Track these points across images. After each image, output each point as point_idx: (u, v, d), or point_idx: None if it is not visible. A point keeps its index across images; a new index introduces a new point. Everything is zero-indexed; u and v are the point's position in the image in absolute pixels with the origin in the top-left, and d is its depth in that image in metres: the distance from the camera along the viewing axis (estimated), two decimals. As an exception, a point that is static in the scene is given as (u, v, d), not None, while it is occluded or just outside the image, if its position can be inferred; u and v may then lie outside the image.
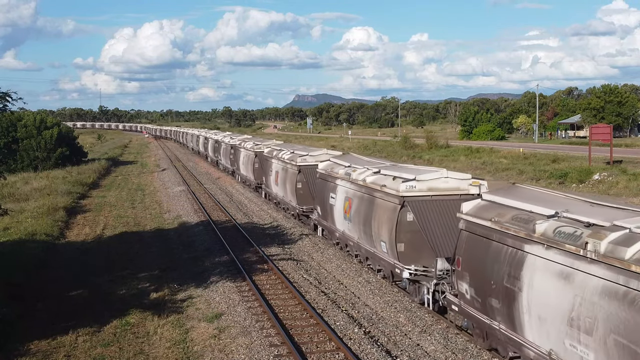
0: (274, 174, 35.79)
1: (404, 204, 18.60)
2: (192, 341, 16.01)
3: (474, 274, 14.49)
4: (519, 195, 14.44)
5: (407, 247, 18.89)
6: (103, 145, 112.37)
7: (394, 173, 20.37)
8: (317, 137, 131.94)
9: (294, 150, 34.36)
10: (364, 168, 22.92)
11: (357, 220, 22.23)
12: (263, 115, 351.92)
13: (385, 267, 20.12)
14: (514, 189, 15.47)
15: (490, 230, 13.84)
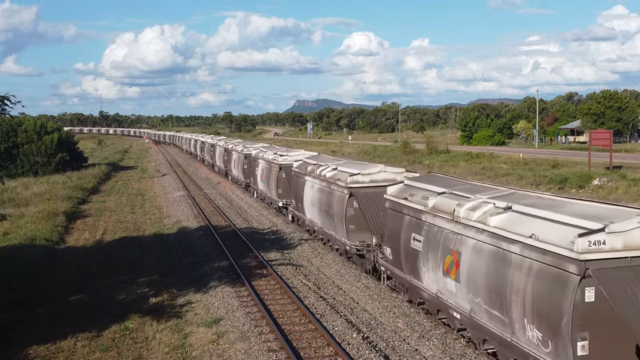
0: (259, 172, 40.30)
1: (351, 194, 22.86)
2: (190, 346, 16.03)
3: (393, 240, 18.97)
4: (431, 181, 18.79)
5: (356, 227, 23.07)
6: (103, 150, 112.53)
7: (347, 169, 24.65)
8: (317, 142, 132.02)
9: (276, 151, 38.80)
10: (326, 165, 26.96)
11: (319, 209, 26.49)
12: (264, 121, 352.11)
13: (340, 245, 24.21)
14: (431, 177, 20.86)
15: (402, 205, 18.23)
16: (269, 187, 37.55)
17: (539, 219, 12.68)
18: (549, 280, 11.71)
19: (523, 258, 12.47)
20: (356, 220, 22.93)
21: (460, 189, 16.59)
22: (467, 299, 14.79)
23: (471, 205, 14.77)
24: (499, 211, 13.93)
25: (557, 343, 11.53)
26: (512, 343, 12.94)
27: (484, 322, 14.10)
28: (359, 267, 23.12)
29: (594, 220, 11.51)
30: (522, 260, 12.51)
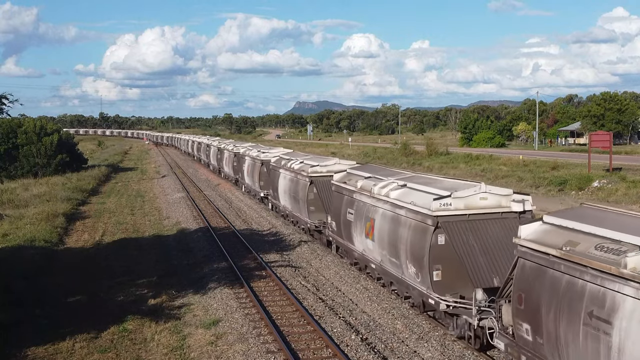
0: (246, 168, 45.83)
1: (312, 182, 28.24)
2: (189, 347, 16.02)
3: (336, 215, 24.06)
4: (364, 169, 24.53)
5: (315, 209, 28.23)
6: (103, 152, 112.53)
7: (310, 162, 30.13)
8: (317, 144, 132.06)
9: (260, 149, 46.20)
10: (295, 159, 32.70)
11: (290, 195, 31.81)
12: (264, 122, 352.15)
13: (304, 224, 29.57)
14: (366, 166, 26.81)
15: (342, 187, 23.65)
16: (253, 180, 42.95)
17: (419, 192, 17.94)
18: (419, 232, 17.01)
19: (407, 218, 17.80)
20: (315, 202, 28.26)
21: (380, 174, 21.95)
22: (379, 253, 20.03)
23: (382, 184, 20.11)
24: (397, 187, 19.24)
25: (422, 274, 16.85)
26: (402, 279, 18.37)
27: (388, 268, 19.36)
28: (318, 242, 28.23)
29: (447, 190, 16.72)
30: (406, 219, 17.84)
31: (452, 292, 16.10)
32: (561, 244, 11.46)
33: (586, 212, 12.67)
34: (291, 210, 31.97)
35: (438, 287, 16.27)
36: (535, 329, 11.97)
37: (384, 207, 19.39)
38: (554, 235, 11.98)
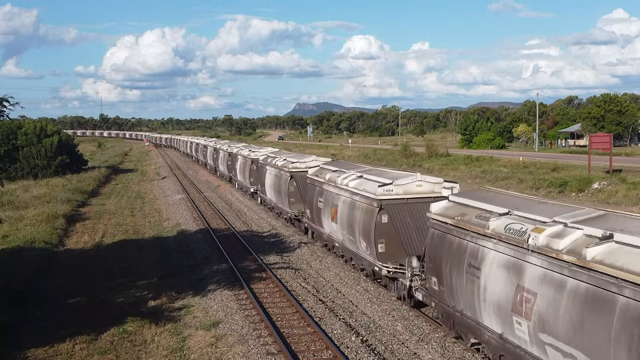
0: (239, 166, 49.43)
1: (292, 176, 31.82)
2: (189, 349, 16.00)
3: (310, 204, 27.78)
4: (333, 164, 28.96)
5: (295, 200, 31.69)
6: (103, 153, 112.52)
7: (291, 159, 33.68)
8: (317, 145, 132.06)
9: (251, 149, 50.54)
10: (280, 157, 35.87)
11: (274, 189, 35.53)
12: (264, 124, 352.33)
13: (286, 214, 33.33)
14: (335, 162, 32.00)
15: (315, 180, 27.19)
16: (244, 177, 46.48)
17: (370, 181, 21.57)
18: (368, 213, 20.63)
19: (360, 202, 21.44)
20: (295, 195, 31.77)
21: (344, 168, 26.14)
22: (341, 233, 23.67)
23: (344, 176, 23.81)
24: (355, 178, 22.92)
25: (370, 247, 20.45)
26: (357, 253, 22.11)
27: (348, 245, 23.11)
28: (299, 229, 31.46)
29: (390, 180, 20.55)
30: (359, 204, 21.49)
31: (393, 260, 19.65)
32: (455, 215, 15.39)
33: (480, 193, 16.81)
34: (276, 202, 35.78)
35: (382, 257, 19.89)
36: (440, 281, 15.97)
37: (344, 194, 23.09)
38: (453, 209, 15.85)
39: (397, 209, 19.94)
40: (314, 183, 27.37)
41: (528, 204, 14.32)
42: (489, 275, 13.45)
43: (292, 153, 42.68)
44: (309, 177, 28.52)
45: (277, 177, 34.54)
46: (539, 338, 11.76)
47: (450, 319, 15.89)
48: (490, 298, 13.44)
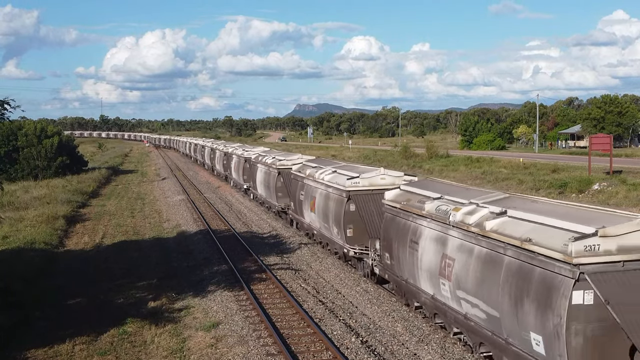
0: (234, 165, 52.80)
1: (279, 173, 34.98)
2: (189, 350, 16.00)
3: (294, 197, 31.06)
4: (314, 162, 31.65)
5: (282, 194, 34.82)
6: (104, 154, 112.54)
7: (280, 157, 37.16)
8: (318, 146, 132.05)
9: (245, 148, 54.01)
10: (269, 156, 39.79)
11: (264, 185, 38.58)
12: (264, 125, 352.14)
13: (274, 207, 36.22)
14: (317, 160, 34.10)
15: (297, 175, 30.18)
16: (238, 174, 49.54)
17: (342, 175, 24.23)
18: (338, 202, 23.55)
19: (333, 194, 24.35)
20: (282, 189, 34.67)
21: (323, 164, 28.83)
22: (318, 222, 26.61)
23: (321, 172, 26.64)
24: (330, 173, 25.72)
25: (340, 232, 23.46)
26: (331, 239, 25.08)
27: (324, 232, 26.04)
28: (285, 221, 34.42)
29: (358, 174, 23.53)
30: (333, 195, 24.39)
31: (359, 243, 22.58)
32: (402, 200, 18.45)
33: (425, 182, 20.61)
34: (265, 197, 38.86)
35: (350, 241, 22.95)
36: (391, 256, 19.06)
37: (321, 187, 25.95)
38: (402, 196, 18.80)
39: (363, 199, 22.60)
40: (297, 178, 30.35)
41: (457, 190, 17.45)
42: (424, 247, 16.57)
43: (282, 152, 45.70)
44: (292, 173, 31.40)
45: (267, 174, 37.68)
46: (456, 294, 14.85)
47: (400, 288, 18.97)
48: (424, 266, 16.57)
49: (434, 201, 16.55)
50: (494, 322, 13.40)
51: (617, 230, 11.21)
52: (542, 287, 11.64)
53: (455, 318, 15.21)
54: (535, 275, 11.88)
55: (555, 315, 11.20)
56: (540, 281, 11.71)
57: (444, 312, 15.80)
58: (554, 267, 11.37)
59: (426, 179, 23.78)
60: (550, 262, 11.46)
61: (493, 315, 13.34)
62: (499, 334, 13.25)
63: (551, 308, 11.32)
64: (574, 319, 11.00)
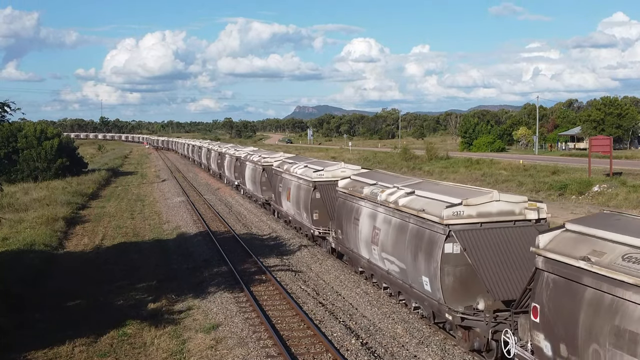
0: (226, 163, 56.95)
1: (264, 169, 39.46)
2: (188, 352, 15.98)
3: (275, 191, 35.39)
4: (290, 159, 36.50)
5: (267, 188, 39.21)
6: (103, 156, 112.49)
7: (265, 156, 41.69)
8: (318, 148, 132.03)
9: (237, 148, 59.48)
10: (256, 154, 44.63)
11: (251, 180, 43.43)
12: (264, 127, 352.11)
13: (260, 199, 40.96)
14: (293, 157, 39.53)
15: (277, 170, 34.75)
16: (231, 172, 54.05)
17: (311, 168, 28.92)
18: (307, 191, 28.00)
19: (303, 184, 28.79)
20: (266, 184, 39.07)
21: (297, 160, 34.23)
22: (292, 209, 30.95)
23: (295, 167, 31.15)
24: (302, 167, 30.16)
25: (308, 216, 27.80)
26: (302, 222, 29.47)
27: (297, 218, 30.44)
28: (269, 211, 38.83)
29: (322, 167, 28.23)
30: (303, 185, 28.74)
31: (323, 225, 26.90)
32: (350, 187, 23.01)
33: (370, 173, 25.13)
34: (252, 191, 43.33)
35: (316, 223, 27.36)
36: (342, 232, 23.51)
37: (294, 179, 30.34)
38: (351, 184, 23.47)
39: (326, 188, 26.87)
40: (277, 173, 34.77)
41: (389, 178, 22.34)
42: (362, 223, 21.04)
43: (268, 151, 49.80)
44: (274, 169, 36.07)
45: (253, 171, 42.35)
46: (382, 256, 19.40)
47: (349, 257, 23.64)
48: (363, 237, 21.05)
49: (370, 186, 21.35)
50: (403, 273, 18.03)
51: (476, 201, 15.64)
52: (428, 243, 16.20)
53: (382, 275, 19.86)
54: (425, 235, 16.40)
55: (434, 261, 15.71)
56: (428, 238, 16.27)
57: (376, 272, 20.50)
58: (435, 227, 15.91)
59: (371, 171, 28.11)
60: (433, 224, 15.98)
61: (403, 268, 17.98)
62: (406, 282, 17.89)
63: (432, 257, 15.84)
64: (446, 263, 15.49)
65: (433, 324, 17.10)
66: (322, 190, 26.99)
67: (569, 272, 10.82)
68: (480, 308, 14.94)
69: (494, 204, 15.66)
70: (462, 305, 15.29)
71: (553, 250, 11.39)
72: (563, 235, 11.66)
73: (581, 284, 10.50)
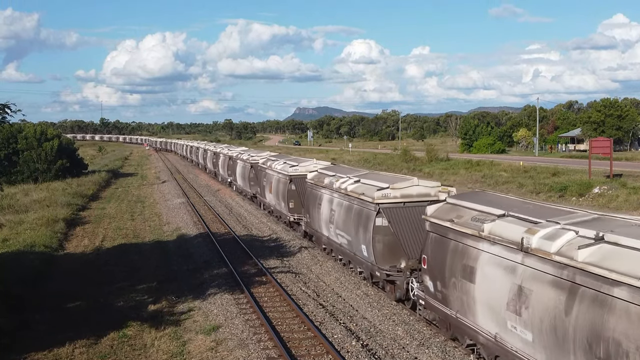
0: (221, 162, 61.85)
1: (252, 166, 43.54)
2: (189, 353, 15.96)
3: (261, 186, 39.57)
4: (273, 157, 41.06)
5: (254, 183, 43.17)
6: (104, 157, 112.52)
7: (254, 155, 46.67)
8: (318, 149, 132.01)
9: (230, 148, 63.92)
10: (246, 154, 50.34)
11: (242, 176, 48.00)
12: (264, 128, 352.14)
13: (248, 194, 45.94)
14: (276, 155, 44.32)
15: (262, 167, 39.19)
16: (224, 170, 58.64)
17: (288, 164, 33.47)
18: (284, 184, 32.36)
19: (282, 178, 32.93)
20: (254, 179, 42.99)
21: (279, 158, 38.58)
22: (274, 200, 35.19)
23: (276, 163, 35.66)
24: (282, 164, 34.48)
25: (286, 205, 32.00)
26: (281, 211, 33.76)
27: (277, 207, 34.72)
28: (256, 204, 43.02)
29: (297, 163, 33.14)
30: (282, 179, 32.91)
31: (297, 212, 31.12)
32: (316, 179, 27.26)
33: (332, 167, 29.96)
34: (242, 186, 47.73)
35: (291, 211, 31.82)
36: (310, 216, 27.65)
37: (275, 174, 34.83)
38: (316, 176, 27.57)
39: (300, 181, 30.82)
40: (262, 169, 39.12)
41: (346, 170, 27.07)
42: (323, 207, 25.31)
43: (257, 150, 56.15)
44: (259, 166, 40.49)
45: (243, 168, 46.86)
46: (336, 232, 23.68)
47: (315, 237, 27.75)
48: (323, 218, 25.29)
49: (330, 177, 25.48)
50: (350, 244, 22.31)
51: (401, 185, 20.19)
52: (365, 218, 20.59)
53: (337, 248, 24.13)
54: (364, 212, 20.78)
55: (369, 232, 20.18)
56: (365, 215, 20.66)
57: (333, 246, 24.69)
58: (369, 206, 20.34)
59: (335, 166, 32.75)
60: (368, 204, 20.40)
61: (350, 240, 22.21)
62: (352, 251, 22.21)
63: (368, 228, 20.27)
64: (376, 233, 19.91)
65: (372, 284, 21.54)
66: (297, 182, 31.17)
67: (442, 230, 15.43)
68: (401, 267, 18.96)
69: (414, 188, 20.14)
70: (388, 265, 19.60)
71: (434, 216, 15.98)
72: (443, 207, 16.11)
73: (447, 237, 15.09)
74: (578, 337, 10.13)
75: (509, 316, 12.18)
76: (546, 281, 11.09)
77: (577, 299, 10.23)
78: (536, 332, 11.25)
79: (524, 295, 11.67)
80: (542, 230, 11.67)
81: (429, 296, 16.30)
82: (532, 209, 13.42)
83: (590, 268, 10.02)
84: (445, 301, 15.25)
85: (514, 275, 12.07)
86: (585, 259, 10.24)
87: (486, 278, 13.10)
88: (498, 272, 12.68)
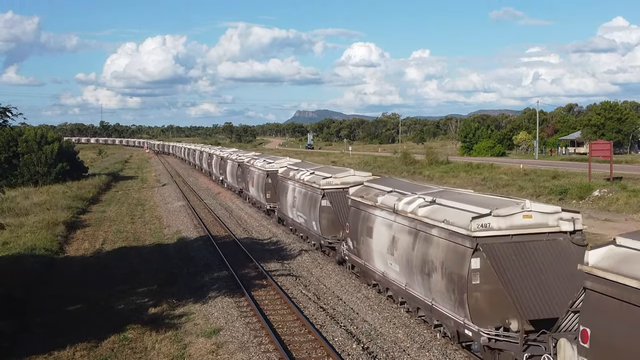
0: (214, 162, 67.34)
1: (239, 165, 49.55)
2: (189, 356, 15.96)
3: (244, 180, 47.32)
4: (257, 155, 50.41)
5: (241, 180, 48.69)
6: (104, 160, 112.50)
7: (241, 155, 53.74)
8: (318, 152, 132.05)
9: (223, 150, 70.70)
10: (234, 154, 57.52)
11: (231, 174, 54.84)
12: (264, 131, 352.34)
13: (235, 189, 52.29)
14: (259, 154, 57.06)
15: (246, 165, 46.35)
16: (217, 170, 64.67)
17: (267, 162, 40.69)
18: (262, 178, 38.89)
19: (261, 173, 39.51)
20: (241, 176, 47.95)
21: (260, 157, 45.92)
22: (255, 193, 41.38)
23: (257, 161, 42.39)
24: (262, 162, 41.14)
25: (264, 195, 38.65)
26: (260, 201, 40.34)
27: (258, 199, 41.06)
28: (243, 198, 48.14)
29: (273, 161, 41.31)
30: (261, 174, 39.73)
31: (273, 202, 36.90)
32: (284, 173, 33.58)
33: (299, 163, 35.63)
34: (231, 183, 53.84)
35: (268, 200, 37.75)
36: (280, 203, 34.17)
37: (256, 170, 41.05)
38: (285, 171, 33.64)
39: (275, 175, 35.87)
40: (246, 167, 45.18)
41: (306, 165, 33.46)
42: (288, 194, 31.76)
43: (244, 151, 62.53)
44: (244, 164, 46.49)
45: (232, 167, 52.68)
46: (297, 214, 29.65)
47: (284, 220, 33.88)
48: (288, 203, 31.87)
49: (294, 170, 31.59)
50: (306, 222, 28.32)
51: (341, 175, 26.28)
52: (315, 201, 26.45)
53: (298, 227, 30.07)
54: (314, 196, 26.68)
55: (316, 211, 26.22)
56: (314, 198, 26.54)
57: (295, 226, 30.67)
58: (317, 191, 26.29)
59: (302, 162, 37.69)
60: (316, 189, 26.39)
61: (305, 218, 28.17)
62: (307, 227, 28.29)
63: (316, 208, 26.32)
64: (322, 212, 25.79)
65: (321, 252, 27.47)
66: (273, 177, 36.81)
67: (356, 203, 21.98)
68: (340, 237, 24.56)
69: (351, 177, 25.93)
70: (331, 236, 25.61)
71: (353, 195, 22.51)
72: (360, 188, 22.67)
73: (359, 209, 21.62)
74: (417, 263, 16.56)
75: (388, 257, 18.72)
76: (405, 230, 17.50)
77: (418, 239, 16.66)
78: (400, 265, 17.76)
79: (395, 241, 18.19)
80: (405, 198, 18.25)
81: (350, 253, 22.73)
82: (410, 187, 20.00)
83: (425, 219, 16.42)
84: (359, 254, 21.75)
85: (391, 229, 18.58)
86: (423, 214, 16.65)
87: (378, 233, 19.57)
88: (383, 228, 19.18)
